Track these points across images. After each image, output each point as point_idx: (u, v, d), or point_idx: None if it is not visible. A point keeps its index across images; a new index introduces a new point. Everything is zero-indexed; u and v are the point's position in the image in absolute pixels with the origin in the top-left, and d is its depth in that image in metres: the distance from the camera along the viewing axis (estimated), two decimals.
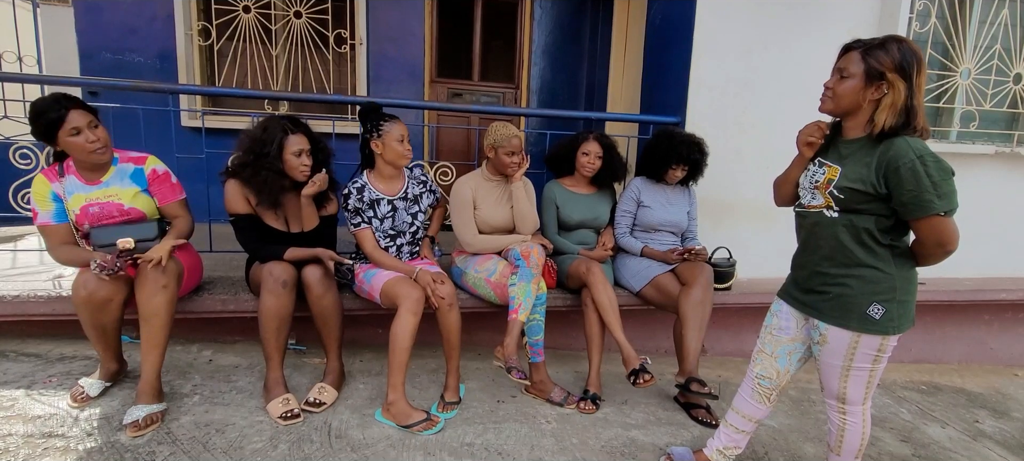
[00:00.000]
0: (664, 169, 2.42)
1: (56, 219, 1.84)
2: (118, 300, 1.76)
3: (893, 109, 1.30)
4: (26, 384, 1.99)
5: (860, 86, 1.33)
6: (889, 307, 1.36)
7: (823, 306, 1.45)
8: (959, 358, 3.25)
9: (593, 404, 2.16)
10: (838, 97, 1.38)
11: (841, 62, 1.38)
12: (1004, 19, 3.04)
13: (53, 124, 1.73)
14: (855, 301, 1.38)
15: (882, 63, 1.30)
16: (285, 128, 1.93)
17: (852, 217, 1.38)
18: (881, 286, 1.37)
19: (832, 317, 1.42)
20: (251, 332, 2.35)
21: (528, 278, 2.07)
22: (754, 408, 1.68)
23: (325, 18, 3.97)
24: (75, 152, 1.79)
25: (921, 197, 1.26)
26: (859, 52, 1.34)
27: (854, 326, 1.39)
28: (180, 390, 2.03)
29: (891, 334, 1.38)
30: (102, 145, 1.81)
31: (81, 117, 1.76)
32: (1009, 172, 3.14)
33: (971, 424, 2.43)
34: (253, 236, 1.99)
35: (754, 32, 2.74)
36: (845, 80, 1.35)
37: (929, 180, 1.25)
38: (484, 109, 3.58)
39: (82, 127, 1.76)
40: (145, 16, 3.76)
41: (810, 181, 1.50)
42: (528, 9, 4.40)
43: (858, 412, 1.49)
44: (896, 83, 1.29)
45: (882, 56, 1.30)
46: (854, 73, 1.33)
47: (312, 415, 1.93)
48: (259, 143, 1.90)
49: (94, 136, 1.78)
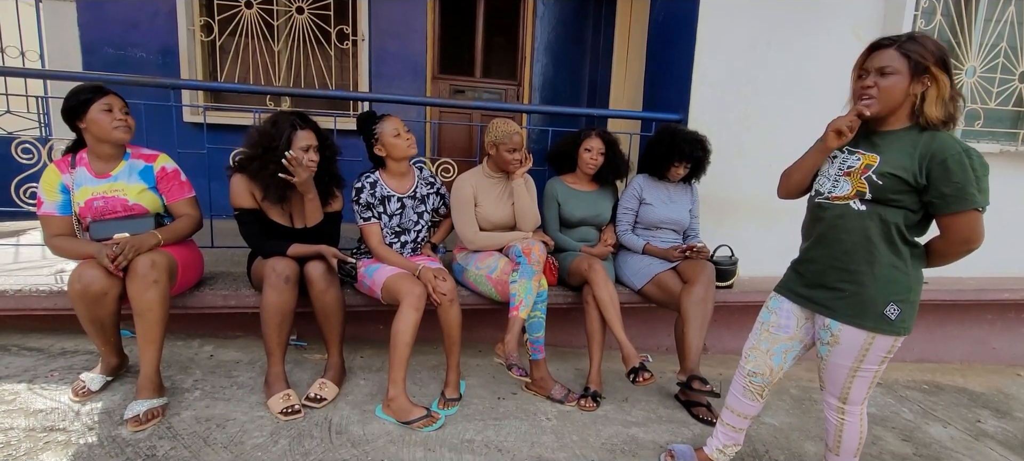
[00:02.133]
0: (666, 166, 2.41)
1: (61, 211, 1.85)
2: (113, 294, 1.76)
3: (941, 101, 1.30)
4: (28, 378, 1.99)
5: (906, 82, 1.31)
6: (903, 308, 1.35)
7: (837, 304, 1.42)
8: (961, 357, 3.23)
9: (594, 401, 2.15)
10: (885, 95, 1.33)
11: (877, 61, 1.34)
12: (1010, 17, 3.01)
13: (88, 101, 1.80)
14: (873, 300, 1.36)
15: (924, 57, 1.29)
16: (294, 123, 1.93)
17: (881, 210, 1.34)
18: (899, 286, 1.35)
19: (847, 315, 1.40)
20: (252, 328, 2.35)
21: (529, 275, 2.07)
22: (747, 405, 1.67)
23: (327, 14, 3.97)
24: (98, 129, 1.83)
25: (966, 190, 1.25)
26: (896, 49, 1.32)
27: (870, 326, 1.36)
28: (181, 385, 2.03)
29: (903, 335, 1.37)
30: (126, 126, 1.87)
31: (117, 100, 1.87)
32: (1014, 171, 3.12)
33: (973, 424, 2.42)
34: (257, 231, 1.99)
35: (757, 29, 2.73)
36: (889, 77, 1.32)
37: (974, 173, 1.25)
38: (485, 105, 3.57)
39: (115, 107, 1.84)
40: (147, 11, 3.75)
41: (839, 169, 1.43)
42: (530, 5, 4.38)
43: (857, 412, 1.49)
44: (939, 76, 1.29)
45: (922, 50, 1.29)
46: (898, 69, 1.31)
47: (313, 411, 1.93)
48: (268, 137, 1.90)
49: (122, 116, 1.86)
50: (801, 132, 1.83)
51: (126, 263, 1.72)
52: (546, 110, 3.58)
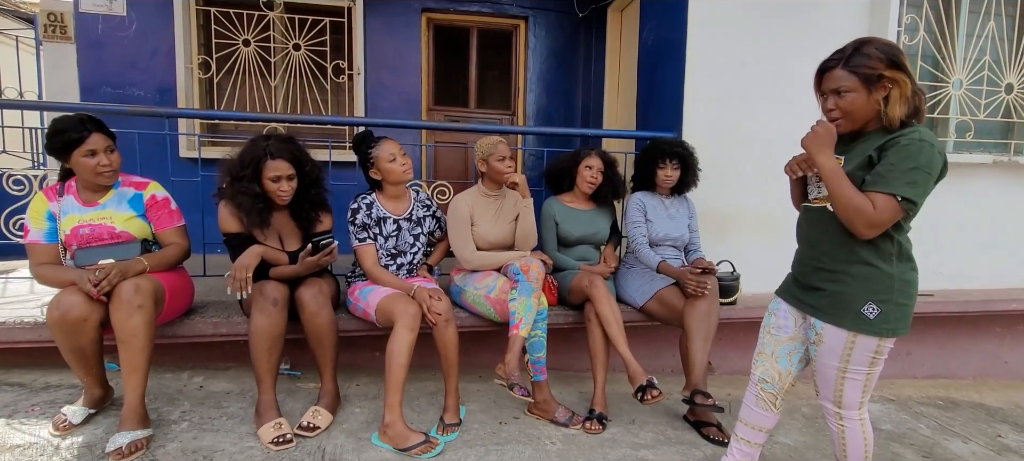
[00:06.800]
0: (655, 170, 2.40)
1: (47, 238, 1.82)
2: (94, 320, 1.69)
3: (905, 100, 1.31)
4: (7, 413, 1.90)
5: (864, 95, 1.33)
6: (885, 308, 1.34)
7: (820, 303, 1.44)
8: (974, 373, 3.15)
9: (599, 424, 2.07)
10: (849, 114, 1.36)
11: (829, 83, 1.37)
12: (991, 31, 3.09)
13: (72, 143, 1.76)
14: (850, 299, 1.37)
15: (872, 66, 1.30)
16: (265, 151, 1.87)
17: None
18: (879, 285, 1.35)
19: (828, 314, 1.41)
20: (244, 358, 2.27)
21: (528, 292, 2.02)
22: (760, 416, 1.62)
23: (323, 50, 4.04)
24: (84, 172, 1.80)
25: (894, 171, 1.26)
26: (842, 67, 1.34)
27: (848, 324, 1.37)
28: (168, 416, 1.94)
29: (886, 337, 1.35)
30: (111, 169, 1.83)
31: (100, 141, 1.80)
32: (1008, 181, 3.13)
33: (994, 438, 2.33)
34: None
35: (746, 46, 2.78)
36: (846, 96, 1.34)
37: (915, 162, 1.26)
38: (479, 127, 3.57)
39: (99, 150, 1.79)
40: (146, 50, 3.81)
41: (816, 174, 1.48)
42: (523, 38, 4.49)
43: (855, 417, 1.46)
44: (896, 76, 1.30)
45: (866, 60, 1.31)
46: (850, 87, 1.33)
47: (305, 440, 1.84)
48: (236, 166, 1.88)
49: (107, 160, 1.81)
50: (794, 144, 1.83)
51: (109, 288, 1.67)
52: (541, 132, 3.60)
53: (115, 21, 3.74)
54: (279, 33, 4.01)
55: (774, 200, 2.56)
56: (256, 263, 1.85)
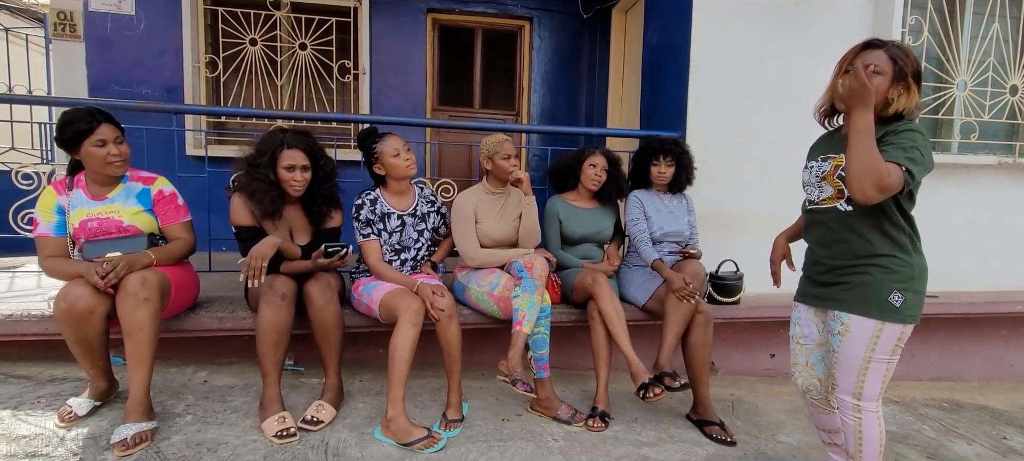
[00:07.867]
0: (649, 163, 2.42)
1: (55, 232, 1.83)
2: (100, 312, 1.70)
3: (906, 108, 1.39)
4: (13, 405, 1.92)
5: (887, 84, 1.37)
6: (907, 296, 1.39)
7: (844, 296, 1.45)
8: (979, 375, 3.13)
9: (602, 422, 2.07)
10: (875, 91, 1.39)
11: (868, 58, 1.39)
12: (995, 33, 3.09)
13: (82, 133, 1.78)
14: (877, 288, 1.40)
15: (907, 65, 1.36)
16: (282, 141, 1.92)
17: (865, 207, 1.39)
18: (901, 274, 1.39)
19: (854, 305, 1.43)
20: (248, 353, 2.29)
21: (531, 289, 2.03)
22: (824, 420, 1.69)
23: (329, 49, 4.07)
24: (93, 163, 1.82)
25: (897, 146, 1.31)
26: (886, 51, 1.38)
27: (876, 314, 1.39)
28: (172, 410, 1.95)
29: (909, 323, 1.40)
30: (121, 160, 1.85)
31: (110, 131, 1.82)
32: (1013, 183, 3.13)
33: (999, 441, 2.32)
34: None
35: (750, 46, 2.79)
36: (875, 77, 1.37)
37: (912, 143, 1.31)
38: (483, 125, 3.58)
39: (108, 140, 1.81)
40: (153, 50, 3.85)
41: (816, 176, 1.53)
42: (527, 38, 4.51)
43: (873, 409, 1.47)
44: (913, 87, 1.37)
45: (906, 58, 1.37)
46: (885, 71, 1.37)
47: (309, 434, 1.84)
48: (253, 155, 1.91)
49: (116, 150, 1.83)
50: (797, 143, 1.86)
51: (116, 280, 1.69)
52: (544, 130, 3.60)
53: (124, 20, 3.78)
54: (285, 33, 4.04)
55: (777, 200, 2.57)
56: (272, 253, 1.85)
